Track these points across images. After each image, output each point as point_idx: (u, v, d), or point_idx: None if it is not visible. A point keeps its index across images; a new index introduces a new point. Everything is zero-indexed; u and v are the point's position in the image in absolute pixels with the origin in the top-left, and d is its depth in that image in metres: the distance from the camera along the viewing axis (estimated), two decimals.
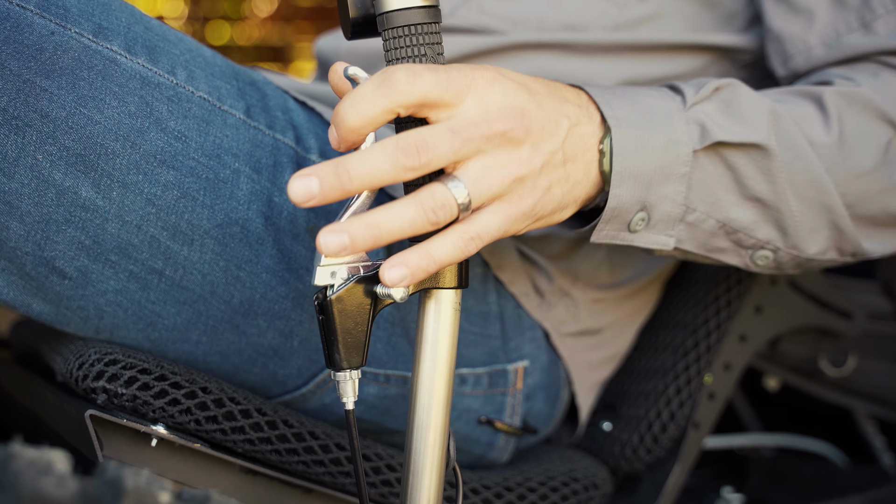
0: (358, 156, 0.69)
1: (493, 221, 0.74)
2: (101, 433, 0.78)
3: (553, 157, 0.76)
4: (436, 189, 0.71)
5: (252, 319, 0.86)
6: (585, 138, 0.79)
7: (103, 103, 0.78)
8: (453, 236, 0.73)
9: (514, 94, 0.74)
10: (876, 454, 1.34)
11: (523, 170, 0.74)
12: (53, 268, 0.80)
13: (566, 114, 0.77)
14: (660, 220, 0.85)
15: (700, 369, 1.08)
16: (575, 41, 1.02)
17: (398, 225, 0.70)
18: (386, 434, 0.98)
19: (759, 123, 0.85)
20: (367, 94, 0.69)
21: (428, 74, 0.69)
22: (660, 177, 0.83)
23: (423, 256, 0.71)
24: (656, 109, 0.83)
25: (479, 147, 0.72)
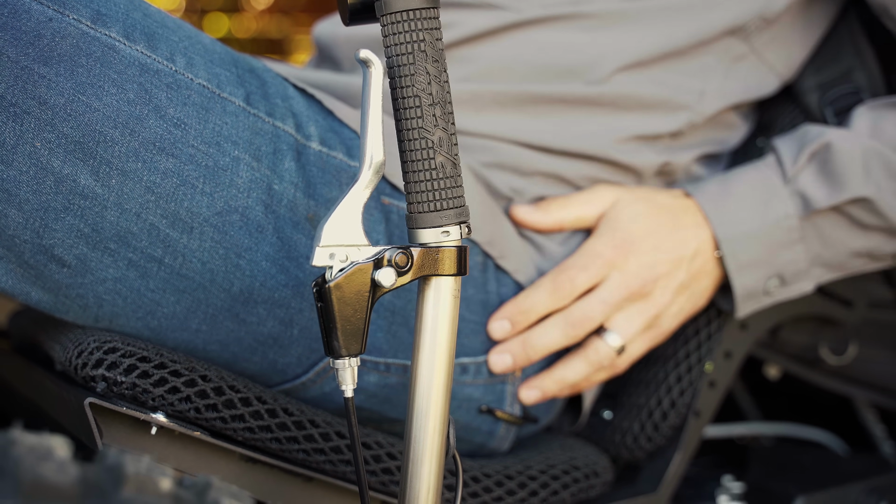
0: (538, 334, 0.96)
1: (638, 349, 1.01)
2: (101, 421, 0.78)
3: (680, 288, 0.99)
4: (598, 345, 0.98)
5: (252, 308, 0.86)
6: (704, 255, 0.99)
7: (102, 90, 0.77)
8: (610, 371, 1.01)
9: (644, 256, 0.97)
10: (876, 443, 1.34)
11: (658, 310, 0.99)
12: (52, 256, 0.79)
13: (686, 246, 0.98)
14: (793, 276, 1.01)
15: (701, 357, 1.08)
16: (580, 12, 1.02)
17: (574, 378, 1.00)
18: (387, 423, 0.98)
19: (854, 178, 0.97)
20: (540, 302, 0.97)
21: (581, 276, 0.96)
22: (776, 251, 0.99)
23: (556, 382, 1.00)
24: (759, 193, 0.99)
25: (622, 306, 0.97)
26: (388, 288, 0.72)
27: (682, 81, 1.05)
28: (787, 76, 1.13)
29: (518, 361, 0.97)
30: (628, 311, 0.98)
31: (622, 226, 0.99)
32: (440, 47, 0.73)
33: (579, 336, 0.97)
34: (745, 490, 1.24)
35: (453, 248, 0.74)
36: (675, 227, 0.99)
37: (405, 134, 0.73)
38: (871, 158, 0.98)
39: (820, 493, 1.19)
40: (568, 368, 0.99)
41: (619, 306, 0.97)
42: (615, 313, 0.97)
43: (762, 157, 1.05)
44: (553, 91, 1.03)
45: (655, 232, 0.98)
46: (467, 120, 1.02)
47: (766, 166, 1.01)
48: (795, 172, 0.99)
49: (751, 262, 0.99)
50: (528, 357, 0.97)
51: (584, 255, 0.98)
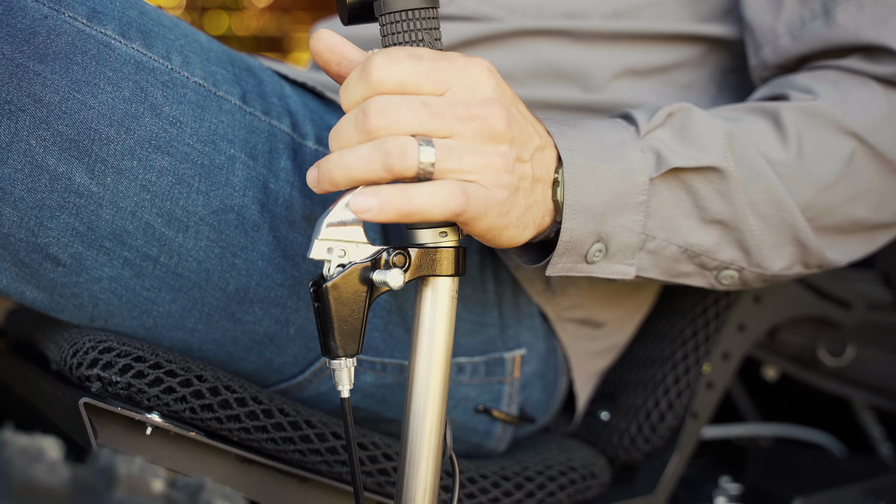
0: (333, 127, 0.71)
1: (440, 194, 0.69)
2: (96, 421, 0.78)
3: (524, 165, 0.74)
4: (401, 136, 0.68)
5: (248, 307, 0.86)
6: (548, 162, 0.78)
7: (97, 88, 0.77)
8: (439, 186, 0.69)
9: (504, 94, 0.73)
10: (874, 444, 1.34)
11: (502, 163, 0.72)
12: (47, 254, 0.79)
13: (537, 131, 0.77)
14: (618, 250, 0.84)
15: (698, 358, 1.08)
16: (573, 28, 1.01)
17: (350, 162, 0.69)
18: (383, 423, 0.97)
19: (714, 146, 0.84)
20: (351, 82, 0.70)
21: (407, 62, 0.69)
22: (614, 207, 0.81)
23: (400, 194, 0.69)
24: (611, 139, 0.82)
25: (451, 127, 0.69)
26: (386, 288, 0.72)
27: (676, 93, 1.05)
28: None
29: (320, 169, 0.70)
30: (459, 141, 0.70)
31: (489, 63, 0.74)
32: (439, 48, 0.72)
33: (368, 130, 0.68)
34: (743, 491, 1.24)
35: (451, 248, 0.73)
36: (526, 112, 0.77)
37: None
38: (735, 138, 0.86)
39: (818, 494, 1.19)
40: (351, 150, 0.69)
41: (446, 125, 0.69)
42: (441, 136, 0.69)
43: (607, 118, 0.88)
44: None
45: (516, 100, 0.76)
46: None
47: (614, 122, 0.86)
48: (650, 128, 0.84)
49: (586, 207, 0.79)
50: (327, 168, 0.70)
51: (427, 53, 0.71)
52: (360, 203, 0.69)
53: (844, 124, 0.88)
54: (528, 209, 0.77)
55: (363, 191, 0.69)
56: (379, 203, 0.68)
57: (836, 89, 0.90)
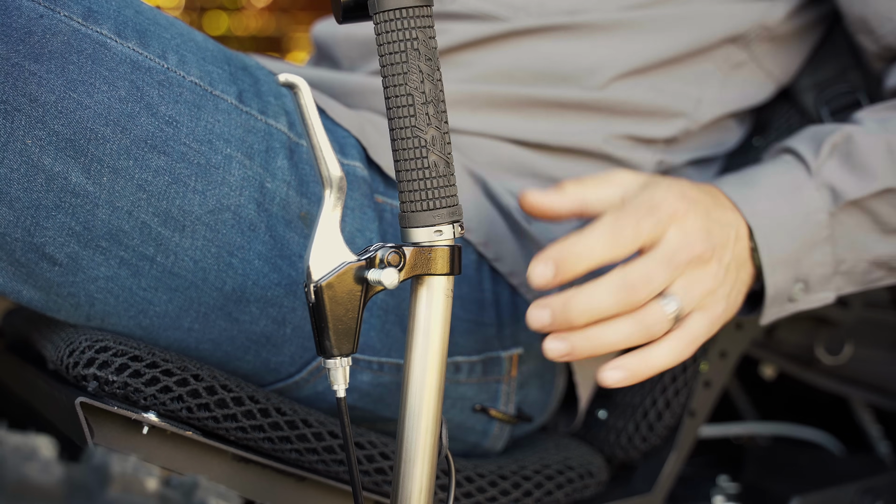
0: (586, 293, 0.81)
1: (701, 326, 0.86)
2: (92, 420, 0.78)
3: (730, 266, 0.87)
4: (653, 307, 0.82)
5: (244, 306, 0.86)
6: (742, 241, 0.89)
7: (93, 88, 0.77)
8: (673, 342, 0.84)
9: (702, 217, 0.85)
10: (872, 443, 1.34)
11: (715, 283, 0.85)
12: (43, 254, 0.79)
13: (729, 221, 0.88)
14: (817, 282, 0.94)
15: (696, 357, 1.08)
16: (577, 22, 1.01)
17: (615, 339, 0.82)
18: (380, 422, 0.97)
19: (881, 167, 0.91)
20: (598, 246, 0.81)
21: (647, 221, 0.82)
22: (805, 249, 0.91)
23: (642, 362, 0.84)
24: (786, 186, 0.91)
25: (683, 271, 0.83)
26: (381, 287, 0.72)
27: (680, 89, 1.05)
28: (783, 81, 1.13)
29: (556, 321, 0.81)
30: (687, 277, 0.83)
31: (675, 185, 0.87)
32: (433, 45, 0.72)
33: (635, 303, 0.81)
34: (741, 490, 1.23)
35: (446, 247, 0.73)
36: (716, 202, 0.88)
37: (397, 132, 0.72)
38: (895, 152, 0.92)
39: (816, 493, 1.19)
40: (610, 328, 0.81)
41: (680, 272, 0.83)
42: (677, 277, 0.83)
43: (775, 158, 0.97)
44: (549, 95, 1.03)
45: (704, 199, 0.87)
46: (462, 119, 1.02)
47: (784, 163, 0.94)
48: (819, 164, 0.91)
49: (782, 259, 0.90)
50: (567, 319, 0.80)
51: (646, 201, 0.84)
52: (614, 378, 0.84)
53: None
54: (738, 295, 0.90)
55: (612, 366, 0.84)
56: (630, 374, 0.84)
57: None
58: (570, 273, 0.81)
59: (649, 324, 0.82)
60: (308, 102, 0.70)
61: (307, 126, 0.70)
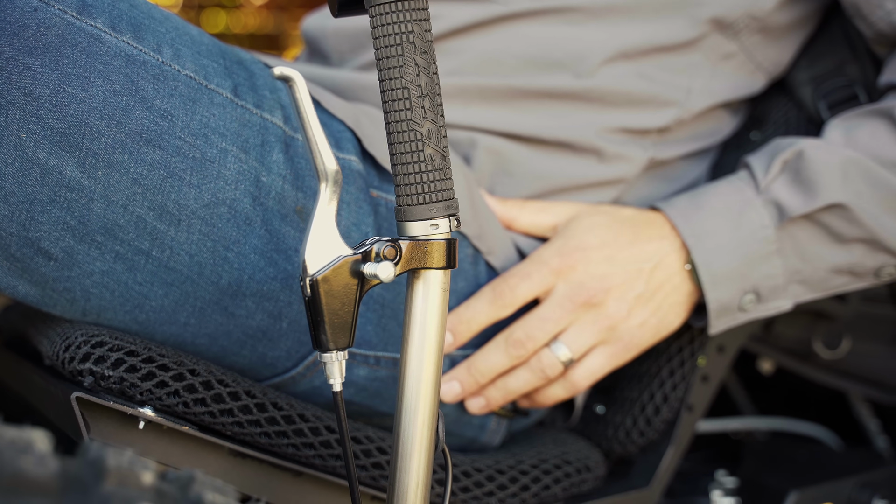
0: (481, 356, 0.94)
1: (596, 363, 0.96)
2: (88, 416, 0.78)
3: (637, 299, 0.94)
4: (543, 355, 0.94)
5: (240, 301, 0.85)
6: (668, 268, 0.95)
7: (88, 81, 0.77)
8: (565, 385, 0.97)
9: (595, 266, 0.93)
10: (870, 437, 1.34)
11: (611, 321, 0.94)
12: (39, 249, 0.79)
13: (646, 258, 0.94)
14: (769, 293, 0.97)
15: (693, 351, 1.07)
16: (568, 5, 1.01)
17: (519, 387, 0.96)
18: (377, 417, 0.97)
19: (830, 184, 0.94)
20: (480, 312, 0.93)
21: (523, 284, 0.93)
22: (752, 264, 0.95)
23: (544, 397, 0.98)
24: (733, 206, 0.96)
25: (569, 319, 0.93)
26: (377, 281, 0.72)
27: (669, 78, 1.05)
28: (774, 74, 1.13)
29: (466, 387, 0.95)
30: (579, 324, 0.94)
31: (576, 235, 0.95)
32: (429, 39, 0.72)
33: (523, 356, 0.94)
34: (739, 484, 1.23)
35: (442, 240, 0.73)
36: (634, 238, 0.95)
37: (393, 126, 0.72)
38: (850, 167, 0.95)
39: (814, 487, 1.19)
40: (512, 377, 0.95)
41: (566, 320, 0.93)
42: (564, 327, 0.94)
43: (734, 172, 1.02)
44: (541, 85, 1.02)
45: (612, 243, 0.95)
46: (455, 114, 1.02)
47: (738, 179, 0.99)
48: (768, 182, 0.96)
49: (725, 276, 0.95)
50: (476, 382, 0.95)
51: (529, 263, 0.95)
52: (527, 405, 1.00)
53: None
54: (661, 321, 0.97)
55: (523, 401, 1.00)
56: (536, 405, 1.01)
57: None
58: (463, 337, 0.94)
59: (543, 368, 0.94)
60: (303, 96, 0.69)
61: (302, 119, 0.70)
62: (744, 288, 0.96)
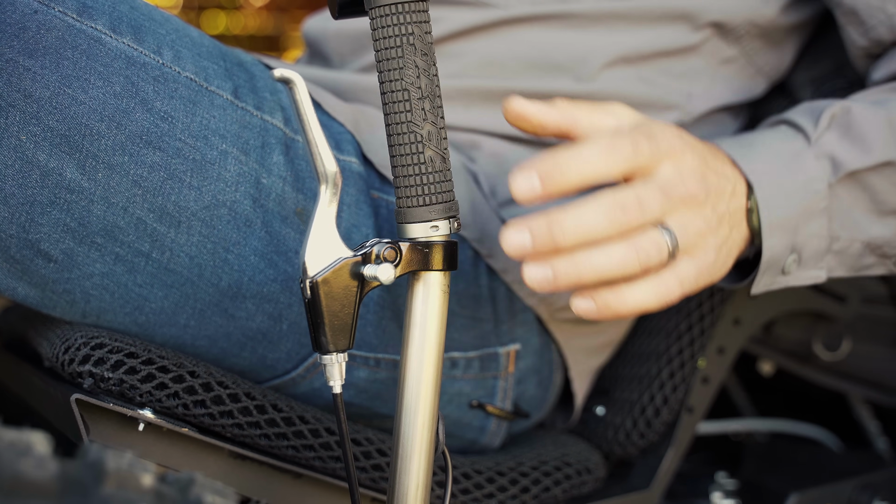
0: (573, 213, 0.70)
1: (689, 271, 0.78)
2: (88, 418, 0.78)
3: (723, 218, 0.81)
4: (653, 234, 0.74)
5: (240, 303, 0.85)
6: (739, 198, 0.84)
7: (88, 83, 0.77)
8: (659, 280, 0.76)
9: (697, 158, 0.79)
10: (870, 439, 1.34)
11: (708, 228, 0.79)
12: (38, 250, 0.79)
13: (727, 176, 0.82)
14: (810, 257, 0.89)
15: (693, 353, 1.07)
16: (570, 11, 1.01)
17: (606, 265, 0.72)
18: (377, 419, 0.97)
19: (881, 140, 0.88)
20: (592, 157, 0.72)
21: (645, 142, 0.74)
22: (803, 217, 0.87)
23: (618, 297, 0.75)
24: (786, 153, 0.87)
25: (677, 207, 0.76)
26: (377, 283, 0.72)
27: (670, 82, 1.05)
28: (775, 78, 1.13)
29: (538, 243, 0.70)
30: (680, 217, 0.76)
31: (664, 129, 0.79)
32: (429, 41, 0.72)
33: (628, 225, 0.72)
34: (739, 486, 1.23)
35: (442, 242, 0.73)
36: (711, 155, 0.83)
37: (393, 128, 0.72)
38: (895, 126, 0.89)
39: (814, 489, 1.19)
40: (601, 250, 0.72)
41: (675, 207, 0.75)
42: (668, 216, 0.75)
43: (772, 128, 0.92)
44: (542, 88, 1.02)
45: (699, 147, 0.81)
46: (456, 116, 1.02)
47: (782, 131, 0.90)
48: (819, 135, 0.88)
49: (780, 223, 0.85)
50: (552, 241, 0.70)
51: (643, 127, 0.77)
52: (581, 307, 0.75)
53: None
54: (728, 253, 0.83)
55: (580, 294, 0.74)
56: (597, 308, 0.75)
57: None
58: (558, 186, 0.71)
59: (644, 248, 0.73)
60: (303, 98, 0.69)
61: (302, 121, 0.70)
62: (792, 244, 0.87)
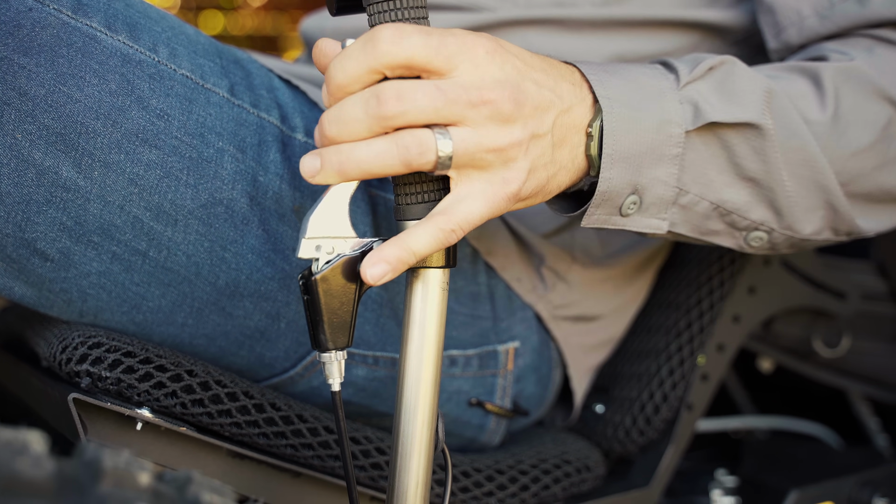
0: (336, 106, 0.68)
1: (474, 208, 0.71)
2: (85, 417, 0.77)
3: (541, 139, 0.73)
4: (418, 130, 0.68)
5: (238, 301, 0.85)
6: (575, 121, 0.77)
7: (83, 81, 0.76)
8: (432, 228, 0.71)
9: (512, 69, 0.71)
10: (870, 435, 1.34)
11: (509, 144, 0.71)
12: (35, 249, 0.78)
13: (560, 94, 0.75)
14: (652, 203, 0.83)
15: (693, 350, 1.07)
16: (564, 16, 1.01)
17: (367, 157, 0.68)
18: (376, 417, 0.97)
19: (753, 102, 0.83)
20: (353, 53, 0.67)
21: (416, 36, 0.67)
22: (651, 158, 0.80)
23: (401, 249, 0.70)
24: (650, 88, 0.81)
25: (464, 113, 0.68)
26: None
27: None
28: None
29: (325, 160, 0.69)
30: (471, 127, 0.69)
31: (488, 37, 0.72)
32: None
33: (385, 117, 0.67)
34: (739, 483, 1.23)
35: None
36: (549, 68, 0.76)
37: None
38: (774, 96, 0.84)
39: (814, 486, 1.18)
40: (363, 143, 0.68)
41: (460, 112, 0.68)
42: (453, 123, 0.69)
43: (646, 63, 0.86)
44: None
45: (531, 61, 0.74)
46: None
47: (654, 68, 0.84)
48: (690, 80, 0.82)
49: (624, 156, 0.78)
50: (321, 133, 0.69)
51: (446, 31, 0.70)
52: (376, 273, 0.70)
53: (881, 88, 0.88)
54: (550, 179, 0.76)
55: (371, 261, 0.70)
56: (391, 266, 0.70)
57: (872, 54, 0.89)
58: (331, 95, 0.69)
59: (405, 144, 0.68)
60: None
61: None
62: (633, 182, 0.80)
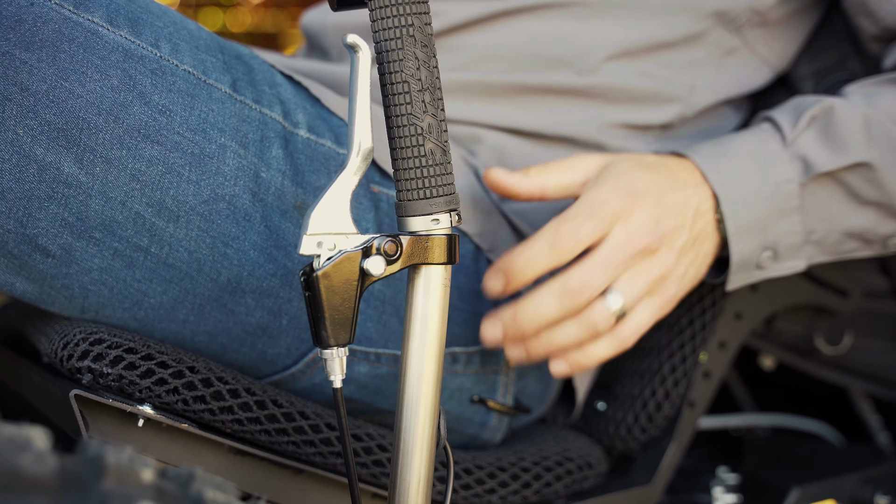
0: (530, 304, 0.87)
1: (644, 317, 0.91)
2: (87, 413, 0.77)
3: (684, 248, 0.90)
4: (596, 307, 0.88)
5: (240, 297, 0.85)
6: (705, 215, 0.92)
7: (85, 76, 0.76)
8: (613, 341, 0.90)
9: (650, 207, 0.88)
10: (872, 433, 1.34)
11: (664, 270, 0.89)
12: (36, 245, 0.78)
13: (687, 202, 0.90)
14: (786, 251, 0.95)
15: (695, 347, 1.07)
16: (570, 0, 1.00)
17: (564, 341, 0.89)
18: (378, 414, 0.97)
19: (857, 143, 0.93)
20: (539, 256, 0.86)
21: (587, 225, 0.86)
22: (774, 218, 0.93)
23: (586, 357, 0.90)
24: (759, 155, 0.93)
25: (625, 268, 0.87)
26: (377, 277, 0.71)
27: (672, 75, 1.05)
28: (780, 67, 1.12)
29: (509, 334, 0.89)
30: (632, 271, 0.88)
31: (622, 177, 0.89)
32: (429, 32, 0.72)
33: (577, 305, 0.87)
34: (741, 481, 1.23)
35: (443, 236, 0.73)
36: (674, 183, 0.91)
37: (394, 120, 0.72)
38: (874, 126, 0.94)
39: (815, 483, 1.18)
40: (559, 331, 0.88)
41: (623, 268, 0.87)
42: (618, 276, 0.88)
43: (754, 127, 0.99)
44: (543, 81, 1.02)
45: (657, 185, 0.89)
46: (457, 109, 1.02)
47: (761, 132, 0.96)
48: (795, 136, 0.94)
49: (749, 228, 0.92)
50: (519, 330, 0.88)
51: (587, 204, 0.88)
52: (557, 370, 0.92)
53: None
54: (698, 270, 0.94)
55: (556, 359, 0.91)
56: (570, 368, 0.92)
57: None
58: (518, 282, 0.88)
59: (594, 323, 0.88)
60: (363, 68, 0.69)
61: (355, 89, 0.69)
62: (764, 243, 0.94)
